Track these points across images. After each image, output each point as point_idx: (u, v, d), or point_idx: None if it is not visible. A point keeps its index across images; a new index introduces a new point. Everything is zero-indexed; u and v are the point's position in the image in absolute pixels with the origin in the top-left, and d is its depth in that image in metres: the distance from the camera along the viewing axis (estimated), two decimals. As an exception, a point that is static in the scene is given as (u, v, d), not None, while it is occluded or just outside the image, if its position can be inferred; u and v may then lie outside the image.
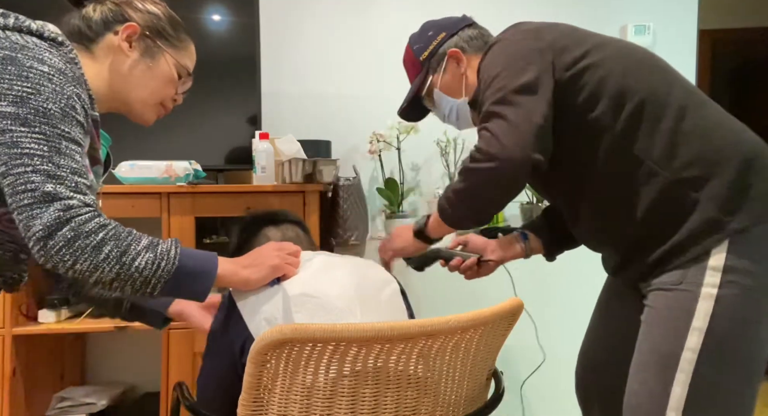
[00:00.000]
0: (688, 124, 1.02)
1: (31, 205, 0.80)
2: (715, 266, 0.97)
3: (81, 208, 0.82)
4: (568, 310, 1.97)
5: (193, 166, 1.85)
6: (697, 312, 0.97)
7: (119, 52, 1.00)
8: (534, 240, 1.35)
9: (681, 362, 0.97)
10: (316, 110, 2.36)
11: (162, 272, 0.87)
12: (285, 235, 1.23)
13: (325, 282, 1.00)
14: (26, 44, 0.85)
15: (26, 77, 0.83)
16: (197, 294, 0.93)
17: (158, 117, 1.09)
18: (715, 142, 1.01)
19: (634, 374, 1.05)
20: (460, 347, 0.90)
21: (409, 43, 1.33)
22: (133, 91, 1.02)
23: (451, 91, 1.28)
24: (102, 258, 0.82)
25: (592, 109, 1.05)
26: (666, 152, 1.01)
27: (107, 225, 0.84)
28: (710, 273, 0.97)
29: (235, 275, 0.97)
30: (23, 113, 0.81)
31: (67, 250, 0.80)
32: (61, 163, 0.83)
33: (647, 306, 1.05)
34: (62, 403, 1.95)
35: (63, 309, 1.83)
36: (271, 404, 0.83)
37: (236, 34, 2.08)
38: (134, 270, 0.85)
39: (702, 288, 0.97)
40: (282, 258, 1.01)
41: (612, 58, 1.07)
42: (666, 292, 1.01)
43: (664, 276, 1.02)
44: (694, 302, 0.97)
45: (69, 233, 0.80)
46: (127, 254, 0.84)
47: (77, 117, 0.87)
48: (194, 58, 1.11)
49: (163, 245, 0.89)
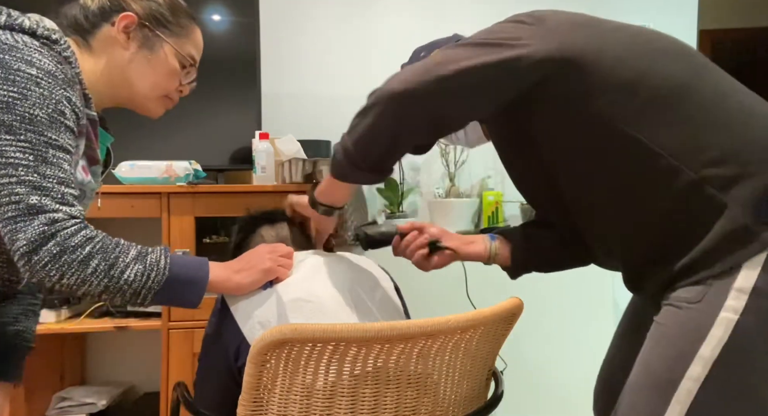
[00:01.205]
0: (716, 113, 0.87)
1: (15, 218, 0.77)
2: (742, 287, 0.82)
3: (67, 220, 0.80)
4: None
5: (193, 166, 1.85)
6: (709, 339, 0.83)
7: (116, 44, 0.96)
8: (502, 246, 1.19)
9: (679, 391, 0.84)
10: (316, 110, 2.36)
11: (152, 283, 0.85)
12: (279, 234, 1.22)
13: (319, 285, 1.00)
14: (15, 44, 0.82)
15: (13, 81, 0.79)
16: (190, 302, 0.90)
17: (165, 109, 1.05)
18: (750, 135, 0.86)
19: (625, 394, 0.93)
20: (459, 347, 0.90)
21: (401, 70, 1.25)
22: (134, 85, 0.99)
23: None
24: (90, 272, 0.80)
25: (598, 97, 0.90)
26: (689, 146, 0.86)
27: (94, 238, 0.82)
28: (734, 294, 0.82)
29: (228, 281, 0.95)
30: (8, 120, 0.78)
31: (53, 265, 0.78)
32: (47, 173, 0.80)
33: (655, 321, 0.92)
34: (62, 403, 1.95)
35: (63, 309, 1.83)
36: (270, 404, 0.83)
37: (236, 34, 2.09)
38: (123, 282, 0.83)
39: (721, 312, 0.83)
40: (274, 261, 0.99)
41: (623, 45, 0.93)
42: (678, 310, 0.88)
43: (683, 290, 0.88)
44: (708, 326, 0.83)
45: (54, 248, 0.78)
46: (116, 267, 0.82)
47: (66, 122, 0.84)
48: (200, 44, 1.05)
49: (152, 255, 0.86)
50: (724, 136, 0.86)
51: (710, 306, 0.84)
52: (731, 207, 0.84)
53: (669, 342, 0.88)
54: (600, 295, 1.34)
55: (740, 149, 0.85)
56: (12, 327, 1.09)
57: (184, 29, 1.01)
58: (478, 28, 0.98)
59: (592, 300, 1.57)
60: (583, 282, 1.53)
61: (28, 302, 1.13)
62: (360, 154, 0.98)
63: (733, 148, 0.85)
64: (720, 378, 0.83)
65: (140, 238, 0.93)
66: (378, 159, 0.99)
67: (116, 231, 0.88)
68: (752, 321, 0.82)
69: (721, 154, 0.85)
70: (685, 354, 0.85)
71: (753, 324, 0.82)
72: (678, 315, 0.88)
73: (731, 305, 0.82)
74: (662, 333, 0.90)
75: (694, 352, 0.84)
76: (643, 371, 0.91)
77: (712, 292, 0.84)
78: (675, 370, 0.85)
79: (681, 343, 0.86)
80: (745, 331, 0.82)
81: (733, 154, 0.85)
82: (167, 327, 1.77)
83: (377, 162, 0.99)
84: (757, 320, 0.82)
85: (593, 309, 1.38)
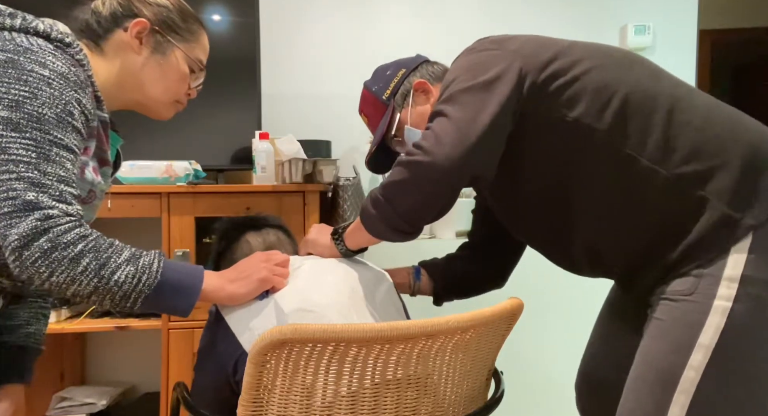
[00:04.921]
0: (681, 114, 0.93)
1: (10, 214, 0.77)
2: (732, 276, 0.87)
3: (61, 217, 0.79)
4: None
5: (193, 166, 1.85)
6: (706, 328, 0.87)
7: (129, 49, 0.97)
8: (425, 282, 1.30)
9: (682, 381, 0.87)
10: (316, 110, 2.36)
11: (142, 286, 0.83)
12: (266, 240, 1.20)
13: (318, 292, 0.98)
14: (30, 47, 0.83)
15: (25, 81, 0.80)
16: (180, 310, 0.88)
17: (176, 112, 1.07)
18: (714, 130, 0.92)
19: (629, 390, 0.95)
20: (460, 347, 0.90)
21: (365, 88, 1.25)
22: (147, 89, 1.00)
23: (423, 125, 1.10)
24: (80, 271, 0.79)
25: (572, 109, 0.96)
26: (661, 147, 0.92)
27: (87, 237, 0.81)
28: (725, 284, 0.87)
29: (222, 290, 0.93)
30: (16, 118, 0.79)
31: (43, 262, 0.77)
32: (47, 170, 0.80)
33: (651, 317, 0.96)
34: (62, 403, 1.96)
35: (63, 309, 1.83)
36: (270, 404, 0.83)
37: (236, 34, 2.09)
38: (113, 283, 0.81)
39: (714, 300, 0.87)
40: (270, 270, 0.97)
41: (588, 57, 0.99)
42: (673, 303, 0.92)
43: (675, 283, 0.92)
44: (704, 316, 0.87)
45: (46, 244, 0.77)
46: (106, 267, 0.81)
47: (74, 123, 0.84)
48: (207, 48, 1.07)
49: (146, 258, 0.85)
50: (691, 135, 0.92)
51: (704, 296, 0.88)
52: (711, 200, 0.89)
53: (668, 335, 0.91)
54: (600, 295, 1.35)
55: (706, 144, 0.91)
56: (24, 330, 1.10)
57: (193, 34, 1.03)
58: (478, 27, 0.99)
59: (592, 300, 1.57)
60: (583, 283, 1.53)
61: (38, 305, 1.14)
62: (408, 225, 1.00)
63: (701, 145, 0.91)
64: (721, 365, 0.86)
65: (140, 238, 0.93)
66: (422, 224, 1.02)
67: (116, 231, 0.88)
68: (745, 308, 0.86)
69: (689, 152, 0.91)
70: (685, 344, 0.88)
71: (746, 311, 0.86)
72: (674, 308, 0.91)
73: (724, 293, 0.87)
74: (660, 327, 0.93)
75: (693, 342, 0.87)
76: (645, 365, 0.93)
77: (704, 283, 0.89)
78: (676, 362, 0.88)
79: (680, 335, 0.89)
80: (740, 317, 0.86)
81: (701, 149, 0.91)
82: (167, 327, 1.77)
83: (420, 228, 1.02)
84: (749, 307, 0.86)
85: (593, 309, 1.39)
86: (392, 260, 1.37)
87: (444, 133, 0.93)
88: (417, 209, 0.97)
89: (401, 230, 0.99)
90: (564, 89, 0.96)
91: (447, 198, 0.97)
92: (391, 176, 0.97)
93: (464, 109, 0.94)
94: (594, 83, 0.96)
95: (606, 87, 0.95)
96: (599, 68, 0.97)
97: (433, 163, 0.92)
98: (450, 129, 0.93)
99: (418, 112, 1.17)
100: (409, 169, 0.94)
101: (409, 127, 1.18)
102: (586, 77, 0.96)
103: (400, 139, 1.21)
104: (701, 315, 0.88)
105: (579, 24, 2.43)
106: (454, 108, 0.95)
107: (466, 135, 0.92)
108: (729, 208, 0.88)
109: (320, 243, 1.15)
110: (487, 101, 0.94)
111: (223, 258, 1.20)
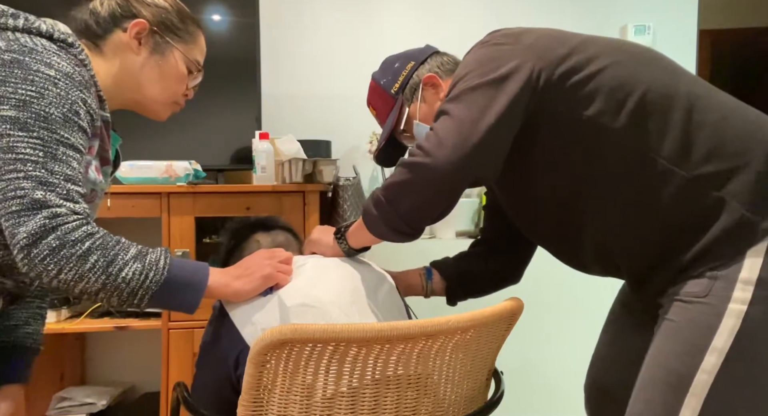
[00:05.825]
0: (700, 114, 0.90)
1: (18, 212, 0.78)
2: (747, 278, 0.84)
3: (69, 216, 0.80)
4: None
5: (193, 166, 1.85)
6: (720, 330, 0.84)
7: (128, 50, 0.98)
8: (438, 282, 1.27)
9: (694, 384, 0.85)
10: (316, 110, 2.36)
11: (150, 283, 0.84)
12: (275, 240, 1.22)
13: (321, 289, 0.99)
14: (35, 47, 0.84)
15: (31, 81, 0.81)
16: (186, 307, 0.89)
17: (173, 112, 1.07)
18: (734, 130, 0.89)
19: (639, 391, 0.93)
20: (460, 347, 0.90)
21: (373, 80, 1.23)
22: (145, 89, 1.00)
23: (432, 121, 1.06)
24: (87, 268, 0.80)
25: (587, 107, 0.93)
26: (679, 147, 0.89)
27: (95, 234, 0.81)
28: (740, 286, 0.84)
29: (227, 287, 0.93)
30: (24, 117, 0.80)
31: (52, 259, 0.78)
32: (55, 169, 0.80)
33: (663, 318, 0.93)
34: (62, 403, 1.96)
35: (63, 309, 1.83)
36: (271, 404, 0.83)
37: (236, 34, 2.09)
38: (121, 280, 0.82)
39: (729, 303, 0.85)
40: (274, 267, 0.97)
41: (604, 54, 0.96)
42: (686, 304, 0.89)
43: (689, 284, 0.90)
44: (718, 318, 0.85)
45: (54, 241, 0.78)
46: (114, 264, 0.82)
47: (80, 122, 0.85)
48: (204, 50, 1.08)
49: (152, 255, 0.86)
50: (710, 135, 0.89)
51: (718, 298, 0.86)
52: (729, 201, 0.87)
53: (681, 336, 0.89)
54: (600, 295, 1.34)
55: (726, 144, 0.88)
56: (23, 330, 1.11)
57: (191, 35, 1.04)
58: (478, 27, 0.98)
59: (592, 300, 1.58)
60: (583, 283, 1.53)
61: (36, 305, 1.14)
62: (409, 226, 0.98)
63: (720, 145, 0.88)
64: (734, 368, 0.84)
65: (140, 238, 0.93)
66: (423, 226, 1.01)
67: (116, 231, 0.88)
68: (760, 312, 0.84)
69: (708, 152, 0.88)
70: (698, 347, 0.86)
71: (761, 314, 0.84)
72: (687, 310, 0.89)
73: (739, 296, 0.84)
74: (673, 328, 0.91)
75: (707, 345, 0.85)
76: (657, 367, 0.92)
77: (718, 285, 0.86)
78: (689, 364, 0.86)
79: (693, 337, 0.87)
80: (755, 321, 0.84)
81: (720, 150, 0.88)
82: (167, 327, 1.77)
83: (421, 229, 1.01)
84: (764, 311, 0.84)
85: (593, 310, 1.39)
86: (392, 260, 1.37)
87: (446, 135, 0.91)
88: (418, 211, 0.96)
89: (402, 231, 0.99)
90: (579, 87, 0.94)
91: (448, 200, 0.96)
92: (393, 177, 0.97)
93: (470, 107, 0.92)
94: (610, 81, 0.93)
95: (622, 85, 0.93)
96: (616, 65, 0.94)
97: (434, 165, 0.90)
98: (453, 130, 0.91)
99: (428, 107, 1.16)
100: (411, 171, 0.93)
101: (418, 123, 1.17)
102: (603, 75, 0.94)
103: (409, 135, 1.20)
104: (715, 318, 0.85)
105: (579, 24, 2.43)
106: (459, 107, 0.93)
107: (468, 136, 0.90)
108: (747, 210, 0.86)
109: (323, 242, 1.14)
110: (494, 99, 0.92)
111: (232, 256, 1.22)
